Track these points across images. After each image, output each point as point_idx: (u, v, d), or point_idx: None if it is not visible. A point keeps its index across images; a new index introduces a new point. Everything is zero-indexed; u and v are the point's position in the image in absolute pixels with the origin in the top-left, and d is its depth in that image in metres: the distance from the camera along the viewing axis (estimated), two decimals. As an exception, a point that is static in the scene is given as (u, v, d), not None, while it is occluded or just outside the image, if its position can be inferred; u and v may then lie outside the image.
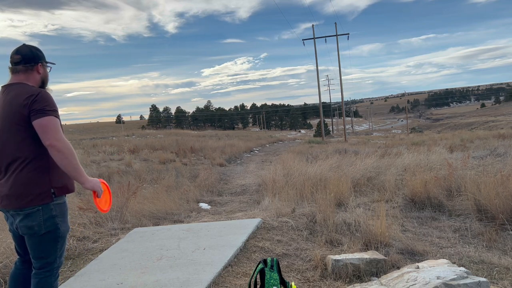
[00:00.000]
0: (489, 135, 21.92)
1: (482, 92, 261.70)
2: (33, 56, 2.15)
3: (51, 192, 2.07)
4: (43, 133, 1.99)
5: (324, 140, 35.25)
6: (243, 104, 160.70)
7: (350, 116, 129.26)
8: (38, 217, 2.05)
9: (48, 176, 2.07)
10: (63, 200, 2.18)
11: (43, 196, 2.05)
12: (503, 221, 4.24)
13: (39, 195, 2.04)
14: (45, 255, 2.14)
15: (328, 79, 72.27)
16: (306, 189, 6.06)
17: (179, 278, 3.07)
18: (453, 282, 2.42)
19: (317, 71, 36.54)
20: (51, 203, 2.08)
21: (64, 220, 2.18)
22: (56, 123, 2.03)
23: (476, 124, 70.09)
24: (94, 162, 15.16)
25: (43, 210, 2.05)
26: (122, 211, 5.32)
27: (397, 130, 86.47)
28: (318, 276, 3.18)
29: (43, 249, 2.13)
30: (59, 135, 2.01)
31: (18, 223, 2.08)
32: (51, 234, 2.11)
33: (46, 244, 2.12)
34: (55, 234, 2.13)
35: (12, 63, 2.13)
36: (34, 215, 2.04)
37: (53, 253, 2.16)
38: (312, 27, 36.21)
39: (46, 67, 2.25)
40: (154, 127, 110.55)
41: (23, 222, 2.05)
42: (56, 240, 2.14)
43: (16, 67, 2.12)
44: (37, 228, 2.06)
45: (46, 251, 2.13)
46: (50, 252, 2.15)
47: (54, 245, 2.15)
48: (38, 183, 2.05)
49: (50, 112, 2.01)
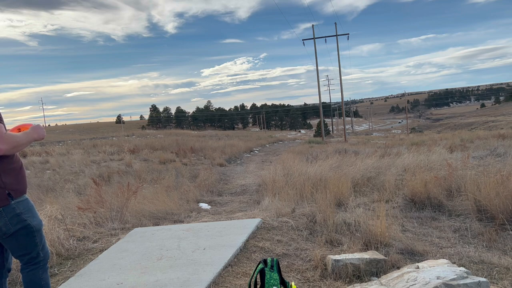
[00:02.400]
0: (489, 135, 21.91)
1: (482, 92, 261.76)
2: None
3: (6, 194, 2.11)
4: None
5: (324, 140, 35.26)
6: (243, 104, 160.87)
7: (350, 116, 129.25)
8: (2, 218, 2.10)
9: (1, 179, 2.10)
10: (25, 198, 2.23)
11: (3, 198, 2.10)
12: (503, 221, 4.25)
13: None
14: (26, 252, 2.21)
15: (328, 79, 72.37)
16: (306, 189, 6.06)
17: (179, 278, 3.07)
18: (453, 282, 2.42)
19: (317, 71, 36.56)
20: (12, 203, 2.13)
21: (33, 215, 2.23)
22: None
23: (476, 124, 70.12)
24: (94, 162, 15.16)
25: (4, 211, 2.10)
26: (122, 211, 5.32)
27: (397, 130, 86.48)
28: (318, 276, 3.18)
29: (22, 246, 2.19)
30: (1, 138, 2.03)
31: None
32: (23, 230, 2.16)
33: (22, 241, 2.18)
34: (28, 230, 2.19)
35: None
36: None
37: (34, 248, 2.23)
38: (312, 27, 36.25)
39: None
40: (154, 127, 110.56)
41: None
42: (31, 235, 2.20)
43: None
44: (5, 228, 2.12)
45: (26, 248, 2.20)
46: (30, 248, 2.21)
47: (32, 240, 2.21)
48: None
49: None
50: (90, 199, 5.68)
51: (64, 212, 4.98)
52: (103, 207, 5.35)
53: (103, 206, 5.38)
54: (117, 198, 5.60)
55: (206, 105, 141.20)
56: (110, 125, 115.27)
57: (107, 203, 5.44)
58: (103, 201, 5.48)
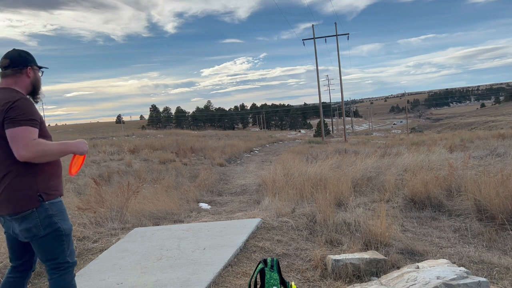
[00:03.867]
0: (489, 135, 21.92)
1: (482, 92, 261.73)
2: (22, 60, 2.12)
3: (37, 195, 2.04)
4: (12, 144, 1.95)
5: (324, 140, 35.25)
6: (243, 104, 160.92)
7: (350, 116, 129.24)
8: (34, 219, 2.03)
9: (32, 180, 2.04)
10: (59, 200, 2.16)
11: (31, 200, 2.03)
12: (503, 221, 4.25)
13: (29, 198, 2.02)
14: (53, 256, 2.11)
15: (328, 79, 72.29)
16: (306, 189, 6.06)
17: (179, 278, 3.07)
18: (453, 282, 2.42)
19: (317, 71, 36.57)
20: (45, 203, 2.06)
21: (64, 218, 2.14)
22: (25, 132, 1.94)
23: (476, 124, 70.12)
24: (94, 162, 15.15)
25: (38, 211, 2.03)
26: (122, 211, 5.32)
27: (397, 130, 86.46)
28: (318, 276, 3.17)
29: (50, 250, 2.09)
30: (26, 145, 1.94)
31: (17, 228, 2.06)
32: (53, 233, 2.08)
33: (51, 245, 2.09)
34: (57, 233, 2.09)
35: (2, 68, 2.11)
36: (29, 218, 2.02)
37: (62, 253, 2.12)
38: (312, 27, 36.26)
39: (36, 71, 2.20)
40: (154, 127, 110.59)
41: (21, 226, 2.04)
42: (60, 239, 2.11)
43: (5, 71, 2.10)
44: (36, 230, 2.03)
45: (53, 252, 2.10)
46: (58, 253, 2.11)
47: (60, 245, 2.11)
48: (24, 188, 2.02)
49: (23, 122, 1.94)
50: (90, 199, 5.67)
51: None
52: (103, 207, 5.35)
53: (103, 206, 5.38)
54: (117, 198, 5.60)
55: (206, 105, 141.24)
56: (110, 125, 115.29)
57: (107, 203, 5.44)
58: (103, 201, 5.47)
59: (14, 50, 2.16)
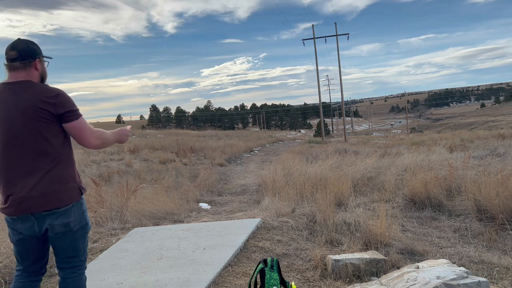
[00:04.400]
0: (489, 135, 21.93)
1: (482, 92, 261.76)
2: (30, 52, 1.97)
3: (79, 188, 2.04)
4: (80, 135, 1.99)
5: (324, 140, 35.26)
6: (243, 104, 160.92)
7: (350, 116, 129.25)
8: (73, 213, 2.00)
9: (74, 173, 2.05)
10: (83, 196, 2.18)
11: (74, 193, 2.01)
12: (503, 221, 4.25)
13: (71, 190, 2.00)
14: (77, 253, 2.09)
15: (328, 79, 72.23)
16: (306, 189, 6.06)
17: (179, 278, 3.07)
18: (453, 282, 2.42)
19: (317, 71, 36.57)
20: (82, 197, 2.08)
21: (88, 215, 2.17)
22: (87, 123, 2.04)
23: (476, 124, 70.15)
24: (94, 162, 15.15)
25: (76, 206, 2.02)
26: (122, 211, 5.32)
27: (397, 130, 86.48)
28: (318, 276, 3.18)
29: (76, 246, 2.07)
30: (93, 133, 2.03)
31: (53, 223, 1.96)
32: (82, 229, 2.07)
33: (78, 240, 2.07)
34: (85, 229, 2.10)
35: (8, 60, 1.96)
36: (69, 212, 1.99)
37: (84, 250, 2.12)
38: (312, 27, 36.26)
39: (43, 62, 2.08)
40: (154, 127, 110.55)
41: (59, 220, 1.96)
42: (85, 235, 2.12)
43: (13, 64, 1.94)
44: (73, 224, 2.00)
45: (78, 249, 2.09)
46: (82, 249, 2.11)
47: (84, 241, 2.12)
48: (70, 181, 2.01)
49: (79, 113, 2.00)
50: (90, 199, 5.67)
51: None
52: (103, 207, 5.35)
53: (103, 206, 5.38)
54: (117, 198, 5.60)
55: (206, 105, 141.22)
56: (110, 125, 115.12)
57: (107, 203, 5.44)
58: (103, 201, 5.48)
59: (20, 40, 2.00)
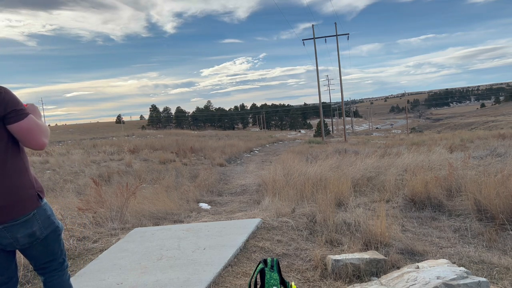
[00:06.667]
0: (489, 135, 21.94)
1: (482, 92, 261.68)
2: None
3: (36, 194, 1.91)
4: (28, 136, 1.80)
5: (324, 140, 35.26)
6: (243, 104, 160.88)
7: (350, 116, 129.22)
8: (36, 221, 1.89)
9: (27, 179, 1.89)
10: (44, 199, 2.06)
11: (30, 201, 1.88)
12: (503, 221, 4.24)
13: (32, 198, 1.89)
14: (54, 257, 2.05)
15: (328, 79, 72.38)
16: (306, 189, 6.06)
17: (179, 278, 3.07)
18: (453, 282, 2.42)
19: (317, 71, 36.58)
20: (43, 202, 1.95)
21: (55, 216, 2.06)
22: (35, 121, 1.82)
23: (476, 124, 70.15)
24: (94, 162, 15.15)
25: (38, 213, 1.90)
26: (122, 211, 5.32)
27: (397, 130, 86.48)
28: (318, 276, 3.17)
29: (51, 251, 2.02)
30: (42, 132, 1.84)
31: (15, 235, 1.87)
32: (53, 233, 2.00)
33: (53, 245, 2.02)
34: (57, 232, 2.03)
35: None
36: (31, 221, 1.88)
37: (60, 252, 2.08)
38: (312, 27, 36.27)
39: None
40: (154, 127, 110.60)
41: (21, 232, 1.86)
42: (59, 237, 2.06)
43: None
44: (39, 232, 1.92)
45: (54, 252, 2.04)
46: (58, 252, 2.06)
47: (59, 244, 2.07)
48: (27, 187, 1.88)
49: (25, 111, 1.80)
50: (90, 199, 5.68)
51: (64, 212, 4.98)
52: (103, 207, 5.35)
53: (103, 206, 5.38)
54: (117, 198, 5.60)
55: (206, 105, 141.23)
56: (110, 125, 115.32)
57: (107, 203, 5.44)
58: (103, 201, 5.48)
59: None
